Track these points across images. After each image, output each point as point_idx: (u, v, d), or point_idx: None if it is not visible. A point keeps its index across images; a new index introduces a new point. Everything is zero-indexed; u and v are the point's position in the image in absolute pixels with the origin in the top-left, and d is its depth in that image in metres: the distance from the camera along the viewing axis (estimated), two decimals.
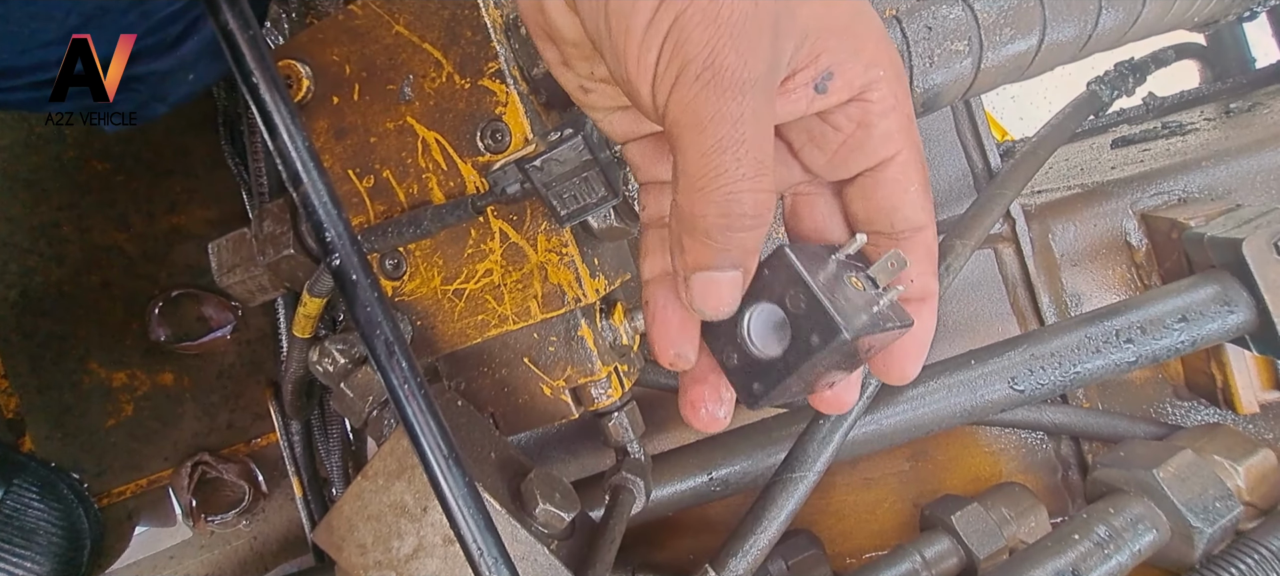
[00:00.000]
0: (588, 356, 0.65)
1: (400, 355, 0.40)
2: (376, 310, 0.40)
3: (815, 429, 0.65)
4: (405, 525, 0.52)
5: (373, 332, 0.40)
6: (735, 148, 0.33)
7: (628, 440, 0.70)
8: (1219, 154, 0.93)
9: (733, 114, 0.33)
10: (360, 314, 0.40)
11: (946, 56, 0.60)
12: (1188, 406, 0.92)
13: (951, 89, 0.61)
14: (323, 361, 0.59)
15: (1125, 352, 0.72)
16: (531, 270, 0.64)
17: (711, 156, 0.34)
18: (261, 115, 0.40)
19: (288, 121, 0.40)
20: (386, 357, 0.40)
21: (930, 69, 0.60)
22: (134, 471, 0.93)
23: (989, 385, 0.74)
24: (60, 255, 0.91)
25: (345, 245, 0.39)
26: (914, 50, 0.59)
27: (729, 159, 0.34)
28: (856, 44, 0.38)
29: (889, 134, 0.39)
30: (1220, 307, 0.72)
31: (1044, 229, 0.93)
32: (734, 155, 0.34)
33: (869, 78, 0.38)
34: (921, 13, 0.60)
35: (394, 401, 0.40)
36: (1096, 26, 0.62)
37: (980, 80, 0.62)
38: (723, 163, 0.34)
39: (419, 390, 0.41)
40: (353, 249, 0.40)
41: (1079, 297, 0.92)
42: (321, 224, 0.39)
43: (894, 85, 0.38)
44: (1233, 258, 0.73)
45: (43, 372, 0.90)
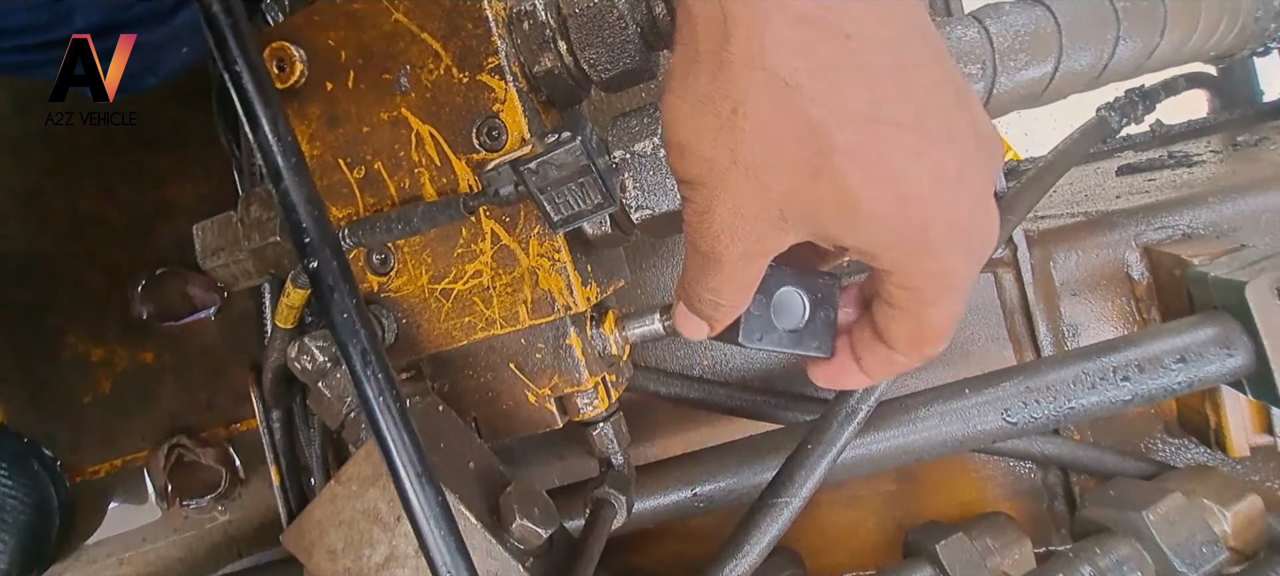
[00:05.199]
0: (575, 365, 0.64)
1: (376, 367, 0.38)
2: (353, 317, 0.39)
3: (803, 454, 0.64)
4: (377, 533, 0.51)
5: (348, 341, 0.38)
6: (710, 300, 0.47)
7: (612, 452, 0.69)
8: (1225, 190, 0.91)
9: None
10: (335, 319, 0.38)
11: None
12: (1178, 444, 0.91)
13: None
14: (301, 359, 0.57)
15: (1121, 390, 0.71)
16: (522, 274, 0.62)
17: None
18: (243, 106, 0.38)
19: (270, 114, 0.38)
20: (362, 367, 0.38)
21: None
22: (109, 449, 0.91)
23: (981, 415, 0.72)
24: (43, 223, 0.89)
25: (323, 251, 0.37)
26: None
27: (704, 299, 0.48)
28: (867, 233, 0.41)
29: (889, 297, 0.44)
30: (1219, 350, 0.71)
31: (1046, 255, 0.92)
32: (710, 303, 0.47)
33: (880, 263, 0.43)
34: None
35: (367, 414, 0.38)
36: (1113, 56, 0.60)
37: (992, 104, 0.60)
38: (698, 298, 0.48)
39: (395, 402, 0.39)
40: (331, 255, 0.38)
41: (1077, 328, 0.91)
42: (300, 225, 0.38)
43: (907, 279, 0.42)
44: (1235, 300, 0.72)
45: (19, 343, 0.88)
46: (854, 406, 0.67)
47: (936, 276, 0.41)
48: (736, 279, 0.45)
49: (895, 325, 0.45)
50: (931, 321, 0.43)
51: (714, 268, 0.44)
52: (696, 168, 0.41)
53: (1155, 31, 0.61)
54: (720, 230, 0.42)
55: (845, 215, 0.39)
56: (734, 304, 0.47)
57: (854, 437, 0.67)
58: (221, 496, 0.96)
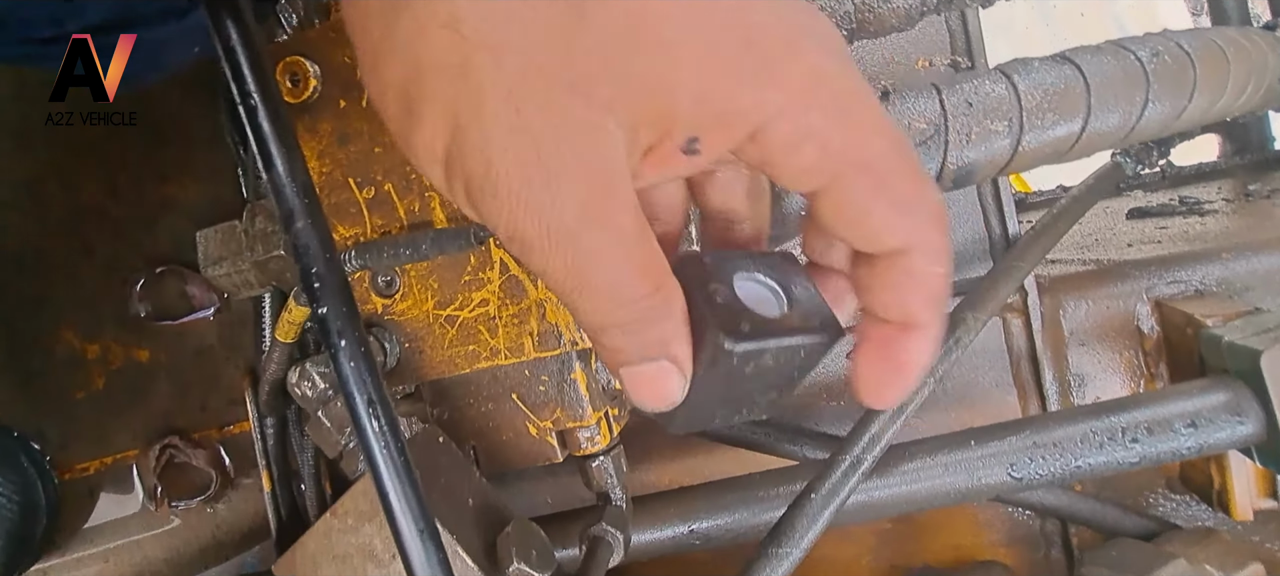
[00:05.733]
0: (579, 400, 0.63)
1: (383, 420, 0.37)
2: (361, 367, 0.37)
3: (806, 502, 0.63)
4: (372, 570, 0.50)
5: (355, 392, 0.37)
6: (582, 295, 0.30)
7: (611, 486, 0.68)
8: (1239, 247, 0.91)
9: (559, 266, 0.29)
10: (343, 369, 0.37)
11: (985, 135, 0.57)
12: (1179, 500, 0.91)
13: (986, 167, 0.59)
14: (301, 384, 0.56)
15: (1130, 452, 0.70)
16: (529, 306, 0.61)
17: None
18: (258, 144, 0.37)
19: (285, 155, 0.37)
20: (368, 419, 0.37)
21: (966, 145, 0.57)
22: (100, 446, 0.90)
23: (986, 469, 0.71)
24: (42, 214, 0.87)
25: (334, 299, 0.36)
26: (951, 124, 0.56)
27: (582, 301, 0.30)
28: (719, 97, 0.29)
29: (808, 168, 0.30)
30: (1230, 417, 0.70)
31: (1055, 303, 0.91)
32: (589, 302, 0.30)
33: (754, 121, 0.29)
34: (963, 86, 0.58)
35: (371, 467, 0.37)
36: (1141, 118, 0.59)
37: (1017, 161, 0.59)
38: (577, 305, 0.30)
39: (399, 456, 0.38)
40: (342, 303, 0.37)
41: (1083, 379, 0.90)
42: (310, 270, 0.37)
43: (799, 115, 0.29)
44: (1248, 367, 0.71)
45: (12, 335, 0.87)
46: (859, 455, 0.66)
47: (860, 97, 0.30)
48: (623, 249, 0.29)
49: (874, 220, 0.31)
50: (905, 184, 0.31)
51: (575, 256, 0.28)
52: (398, 90, 0.28)
53: (1184, 95, 0.60)
54: (519, 174, 0.27)
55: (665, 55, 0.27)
56: (652, 299, 0.30)
57: (858, 487, 0.66)
58: (211, 498, 0.94)
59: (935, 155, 0.56)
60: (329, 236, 0.37)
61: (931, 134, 0.55)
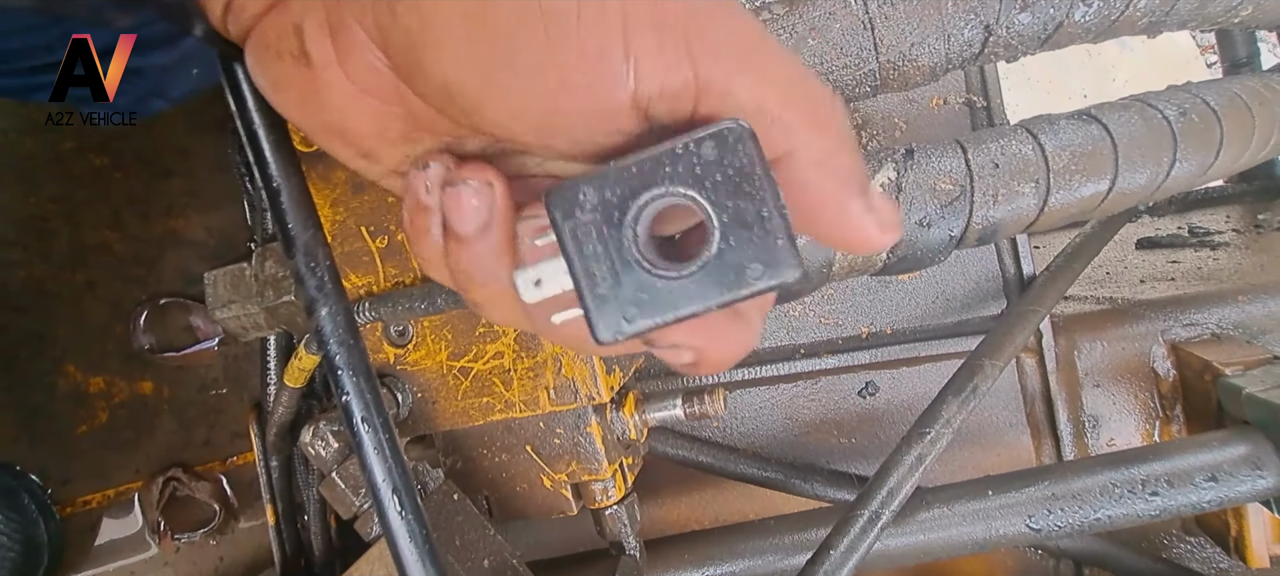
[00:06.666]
0: (594, 454, 0.62)
1: (409, 509, 0.36)
2: (387, 454, 0.36)
3: (824, 557, 0.62)
4: None
5: (378, 479, 0.36)
6: None
7: (624, 535, 0.67)
8: (1254, 289, 0.90)
9: None
10: (367, 458, 0.36)
11: (1011, 195, 0.56)
12: (1194, 543, 0.90)
13: (1011, 225, 0.58)
14: (315, 444, 0.55)
15: (1150, 504, 0.69)
16: (545, 360, 0.60)
17: None
18: (280, 230, 0.36)
19: (307, 239, 0.36)
20: (392, 509, 0.36)
21: (992, 205, 0.56)
22: (101, 481, 0.89)
23: (1005, 519, 0.70)
24: (46, 250, 0.86)
25: (359, 383, 0.35)
26: (977, 185, 0.55)
27: None
28: None
29: None
30: (1250, 470, 0.69)
31: (1070, 344, 0.90)
32: None
33: None
34: (989, 146, 0.57)
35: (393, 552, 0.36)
36: (1169, 177, 0.59)
37: (1043, 220, 0.58)
38: None
39: (424, 543, 0.37)
40: (366, 388, 0.36)
41: (1097, 420, 0.89)
42: (333, 358, 0.35)
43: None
44: (1268, 419, 0.70)
45: (15, 370, 0.86)
46: (877, 510, 0.65)
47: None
48: None
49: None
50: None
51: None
52: None
53: (1211, 152, 0.60)
54: None
55: None
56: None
57: (877, 541, 0.65)
58: (214, 531, 0.93)
59: (961, 214, 0.55)
60: (354, 324, 0.35)
61: (957, 195, 0.55)
